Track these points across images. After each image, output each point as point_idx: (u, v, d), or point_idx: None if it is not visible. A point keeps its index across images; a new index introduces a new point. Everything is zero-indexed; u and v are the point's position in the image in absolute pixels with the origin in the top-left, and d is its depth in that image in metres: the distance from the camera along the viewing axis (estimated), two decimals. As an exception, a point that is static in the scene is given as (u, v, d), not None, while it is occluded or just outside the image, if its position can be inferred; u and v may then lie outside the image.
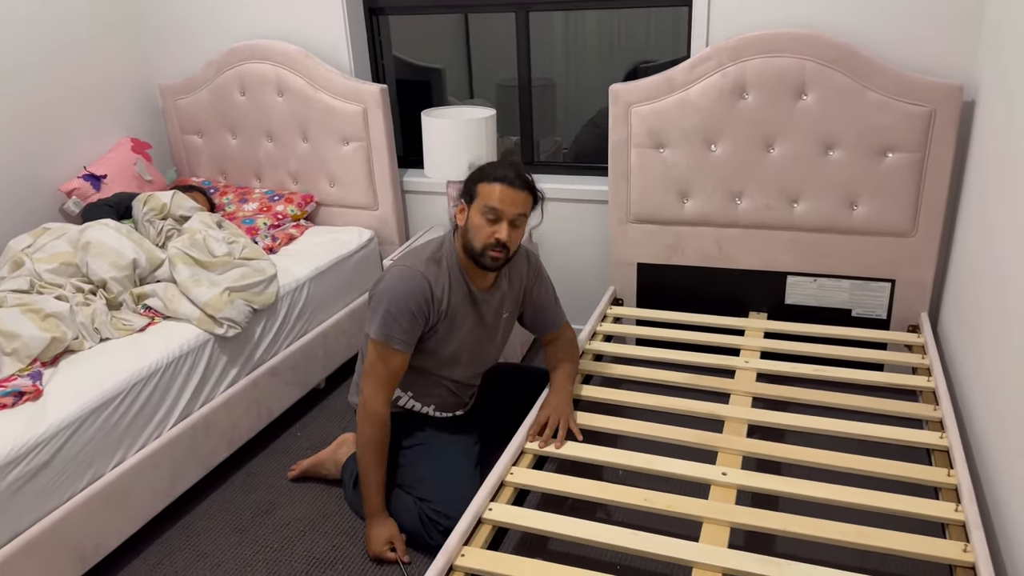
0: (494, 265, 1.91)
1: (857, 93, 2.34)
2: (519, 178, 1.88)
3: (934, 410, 2.02)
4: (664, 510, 1.68)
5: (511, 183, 1.86)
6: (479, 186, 1.89)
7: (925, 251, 2.46)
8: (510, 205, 1.86)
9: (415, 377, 2.05)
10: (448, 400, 2.11)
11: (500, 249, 1.88)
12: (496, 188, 1.86)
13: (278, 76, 2.94)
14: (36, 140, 2.78)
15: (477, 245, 1.89)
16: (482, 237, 1.88)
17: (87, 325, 2.09)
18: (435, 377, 2.06)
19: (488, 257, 1.89)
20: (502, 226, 1.87)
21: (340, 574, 1.93)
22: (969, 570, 1.49)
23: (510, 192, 1.86)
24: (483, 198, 1.87)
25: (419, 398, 2.09)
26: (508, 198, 1.86)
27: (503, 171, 1.87)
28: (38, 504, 1.75)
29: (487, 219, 1.87)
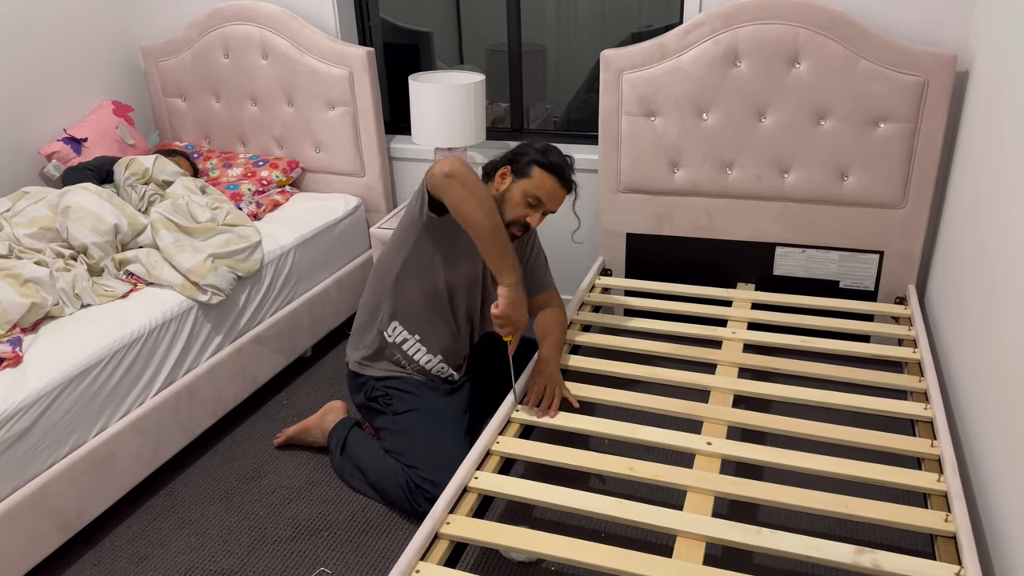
0: (511, 239, 1.98)
1: (850, 61, 2.31)
2: (569, 180, 2.00)
3: (919, 381, 2.03)
4: (649, 479, 1.68)
5: (564, 184, 1.99)
6: (535, 168, 1.97)
7: (914, 223, 2.46)
8: (554, 202, 1.99)
9: (424, 315, 2.08)
10: (450, 349, 2.13)
11: (523, 229, 2.00)
12: (551, 181, 1.96)
13: (263, 38, 2.88)
14: (15, 102, 2.71)
15: (507, 217, 1.98)
16: (515, 214, 1.97)
17: (68, 291, 2.06)
18: (440, 315, 2.09)
19: (509, 232, 1.98)
20: (538, 215, 1.99)
21: (326, 541, 1.93)
22: (950, 540, 1.51)
23: (560, 191, 1.99)
24: (535, 183, 1.96)
25: (425, 342, 2.10)
26: (555, 195, 1.98)
27: (563, 166, 1.98)
28: (19, 471, 1.73)
29: (528, 202, 1.97)
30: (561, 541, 1.51)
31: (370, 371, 2.12)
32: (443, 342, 2.12)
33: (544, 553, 1.49)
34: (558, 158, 1.99)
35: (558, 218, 2.95)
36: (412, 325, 2.10)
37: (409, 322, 2.10)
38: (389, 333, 2.11)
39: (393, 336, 2.11)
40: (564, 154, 2.02)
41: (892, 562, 1.43)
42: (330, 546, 1.92)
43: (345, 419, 2.21)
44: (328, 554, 1.90)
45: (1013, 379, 1.58)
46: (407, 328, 2.10)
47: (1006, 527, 1.52)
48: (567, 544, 1.50)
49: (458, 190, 1.77)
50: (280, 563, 1.87)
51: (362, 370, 2.14)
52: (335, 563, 1.87)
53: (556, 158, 1.98)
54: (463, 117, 2.59)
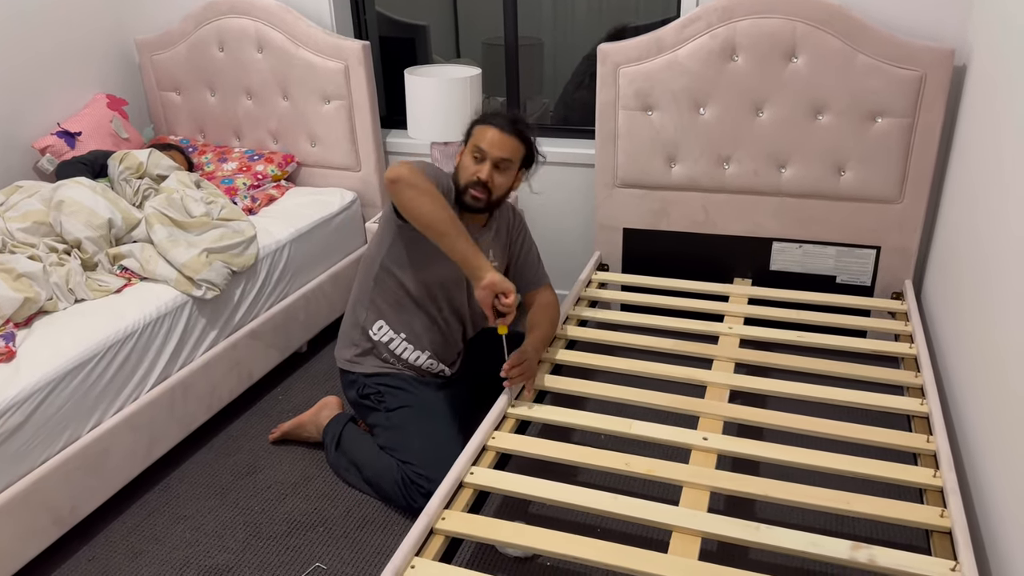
0: (474, 204, 1.99)
1: (848, 56, 2.31)
2: (511, 124, 1.97)
3: (915, 377, 2.03)
4: (645, 474, 1.68)
5: (501, 127, 1.96)
6: (475, 127, 2.01)
7: (911, 218, 2.45)
8: (496, 148, 1.95)
9: (408, 315, 2.08)
10: (438, 344, 2.13)
11: (480, 188, 1.97)
12: (488, 130, 1.96)
13: (258, 31, 2.86)
14: (8, 95, 2.69)
15: (462, 182, 1.99)
16: (467, 175, 1.98)
17: (61, 286, 2.04)
18: (425, 313, 2.08)
19: (469, 195, 1.98)
20: (485, 166, 1.96)
21: (321, 536, 1.93)
22: (945, 535, 1.51)
23: (499, 135, 1.95)
24: (474, 138, 1.98)
25: (411, 340, 2.10)
26: (496, 140, 1.95)
27: (499, 117, 1.99)
28: (13, 466, 1.72)
29: (474, 158, 1.97)
30: (557, 536, 1.50)
31: (360, 368, 2.12)
32: (431, 338, 2.12)
33: (540, 548, 1.49)
34: (494, 113, 2.00)
35: (552, 211, 2.94)
36: (396, 324, 2.09)
37: (393, 321, 2.09)
38: (375, 332, 2.10)
39: (379, 335, 2.10)
40: (520, 112, 2.02)
41: (888, 558, 1.42)
42: (325, 541, 1.91)
43: (340, 414, 2.21)
44: (323, 549, 1.89)
45: (1009, 375, 1.58)
46: (392, 327, 2.09)
47: (1002, 523, 1.52)
48: (563, 539, 1.49)
49: (406, 192, 1.78)
50: (275, 558, 1.87)
51: (352, 368, 2.13)
52: (330, 558, 1.86)
53: (491, 114, 2.00)
54: (459, 111, 2.58)
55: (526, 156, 2.03)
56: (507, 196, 2.06)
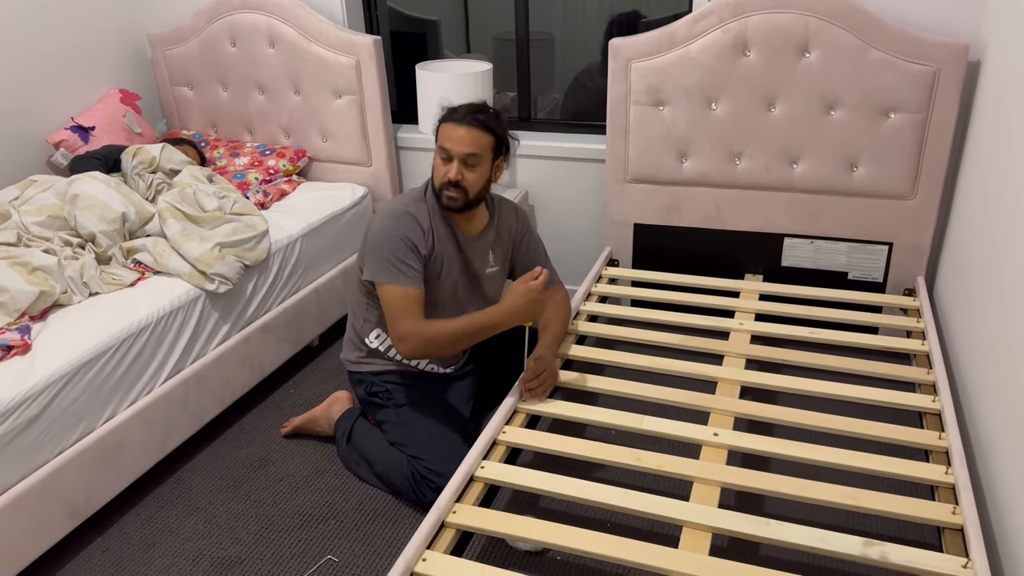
0: (451, 205, 1.93)
1: (860, 51, 2.29)
2: (471, 116, 1.88)
3: (927, 374, 2.02)
4: (655, 470, 1.68)
5: (460, 121, 1.88)
6: (440, 127, 1.93)
7: (924, 214, 2.44)
8: (459, 144, 1.87)
9: None
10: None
11: (454, 189, 1.90)
12: (449, 128, 1.89)
13: (269, 26, 2.87)
14: (23, 90, 2.71)
15: (436, 185, 1.94)
16: (438, 176, 1.92)
17: (76, 279, 2.06)
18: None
19: (445, 196, 1.92)
20: (452, 165, 1.89)
21: (333, 529, 1.94)
22: (957, 532, 1.50)
23: (460, 131, 1.87)
24: (440, 138, 1.92)
25: None
26: (458, 137, 1.87)
27: (459, 112, 1.90)
28: (28, 458, 1.74)
29: (442, 158, 1.91)
30: (567, 531, 1.51)
31: (367, 367, 2.12)
32: None
33: (550, 543, 1.49)
34: (454, 108, 1.92)
35: (562, 207, 2.94)
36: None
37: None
38: (371, 340, 2.09)
39: (376, 343, 2.09)
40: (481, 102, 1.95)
41: (899, 554, 1.42)
42: (337, 534, 1.93)
43: (351, 409, 2.22)
44: (335, 542, 1.90)
45: (1021, 371, 1.57)
46: (389, 336, 2.07)
47: (1014, 520, 1.52)
48: (574, 534, 1.50)
49: (433, 348, 1.84)
50: (287, 551, 1.88)
51: (358, 368, 2.13)
52: (342, 551, 1.88)
53: (451, 110, 1.92)
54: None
55: (497, 145, 1.93)
56: (487, 189, 1.99)
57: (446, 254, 2.00)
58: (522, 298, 1.82)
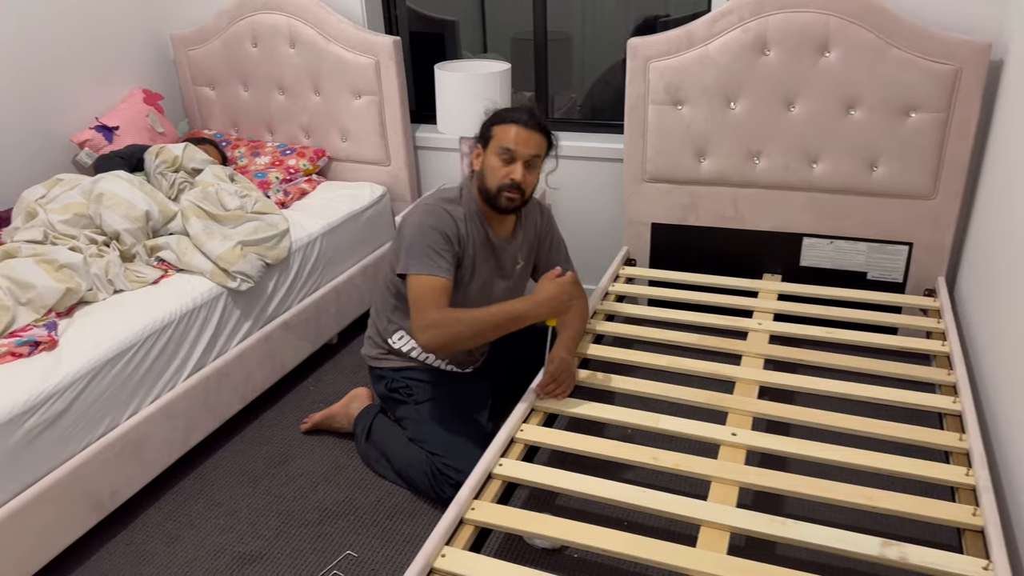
0: (509, 206, 1.94)
1: (881, 50, 2.28)
2: (533, 119, 1.92)
3: (948, 375, 2.01)
4: (673, 469, 1.69)
5: (526, 124, 1.90)
6: (495, 128, 1.93)
7: (945, 214, 2.42)
8: (524, 146, 1.90)
9: None
10: (461, 354, 2.12)
11: (515, 190, 1.92)
12: (512, 129, 1.90)
13: (290, 27, 2.90)
14: (48, 91, 2.75)
15: (492, 186, 1.92)
16: (498, 178, 1.91)
17: (101, 277, 2.09)
18: None
19: (503, 198, 1.93)
20: (516, 166, 1.90)
21: (352, 525, 1.96)
22: (978, 534, 1.50)
23: (524, 133, 1.90)
24: (498, 139, 1.91)
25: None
26: (523, 139, 1.90)
27: (518, 113, 1.92)
28: (55, 452, 1.77)
29: (502, 160, 1.91)
30: (584, 528, 1.52)
31: (387, 364, 2.14)
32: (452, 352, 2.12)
33: (568, 540, 1.50)
34: (511, 108, 1.96)
35: (580, 206, 2.95)
36: None
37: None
38: (394, 341, 2.11)
39: (399, 344, 2.11)
40: (524, 104, 1.96)
41: (919, 555, 1.42)
42: (356, 530, 1.95)
43: (370, 406, 2.24)
44: (354, 537, 1.92)
45: (1045, 373, 1.56)
46: (413, 337, 2.08)
47: (1035, 522, 1.51)
48: (592, 532, 1.51)
49: (457, 340, 1.79)
50: (307, 546, 1.90)
51: (379, 364, 2.15)
52: (361, 546, 1.89)
53: (508, 109, 1.96)
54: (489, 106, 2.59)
55: (548, 147, 1.99)
56: (535, 191, 2.05)
57: (478, 256, 2.00)
58: (554, 290, 1.81)
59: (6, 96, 2.61)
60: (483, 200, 1.97)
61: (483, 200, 1.97)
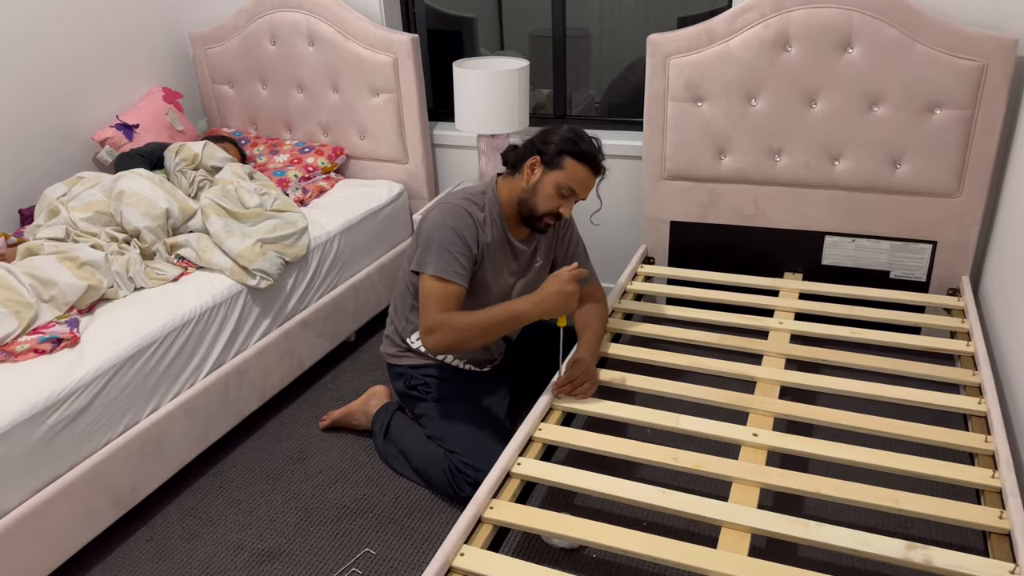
0: (545, 230, 2.01)
1: (905, 46, 2.25)
2: (600, 166, 1.94)
3: (973, 375, 1.98)
4: (693, 469, 1.67)
5: (596, 170, 1.93)
6: (567, 159, 1.90)
7: (969, 212, 2.39)
8: (587, 190, 1.94)
9: None
10: (479, 354, 2.12)
11: (556, 219, 1.96)
12: (584, 171, 1.92)
13: (309, 25, 2.90)
14: (69, 89, 2.78)
15: (539, 210, 1.94)
16: (548, 206, 1.93)
17: (122, 274, 2.11)
18: None
19: (543, 224, 1.97)
20: (570, 204, 1.94)
21: (370, 522, 1.96)
22: (1004, 537, 1.47)
23: (592, 180, 1.94)
24: (568, 174, 1.90)
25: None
26: (590, 184, 1.94)
27: (594, 155, 1.91)
28: (76, 448, 1.79)
29: (560, 193, 1.92)
30: (603, 528, 1.51)
31: (406, 361, 2.14)
32: (471, 351, 2.11)
33: (587, 540, 1.49)
34: (589, 146, 1.91)
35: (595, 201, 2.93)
36: None
37: None
38: (412, 341, 2.11)
39: (417, 344, 2.11)
40: (591, 137, 1.94)
41: (944, 558, 1.40)
42: (374, 527, 1.95)
43: (388, 403, 2.24)
44: (373, 535, 1.92)
45: (1074, 374, 1.53)
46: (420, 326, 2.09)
47: (1064, 526, 1.48)
48: (611, 532, 1.50)
49: (463, 341, 1.80)
50: (326, 543, 1.90)
51: (398, 362, 2.15)
52: (379, 544, 1.90)
53: (587, 146, 1.90)
54: (507, 103, 2.59)
55: None
56: None
57: (497, 257, 2.00)
58: (555, 287, 1.79)
59: (28, 94, 2.63)
60: (519, 211, 1.97)
61: (519, 211, 1.97)
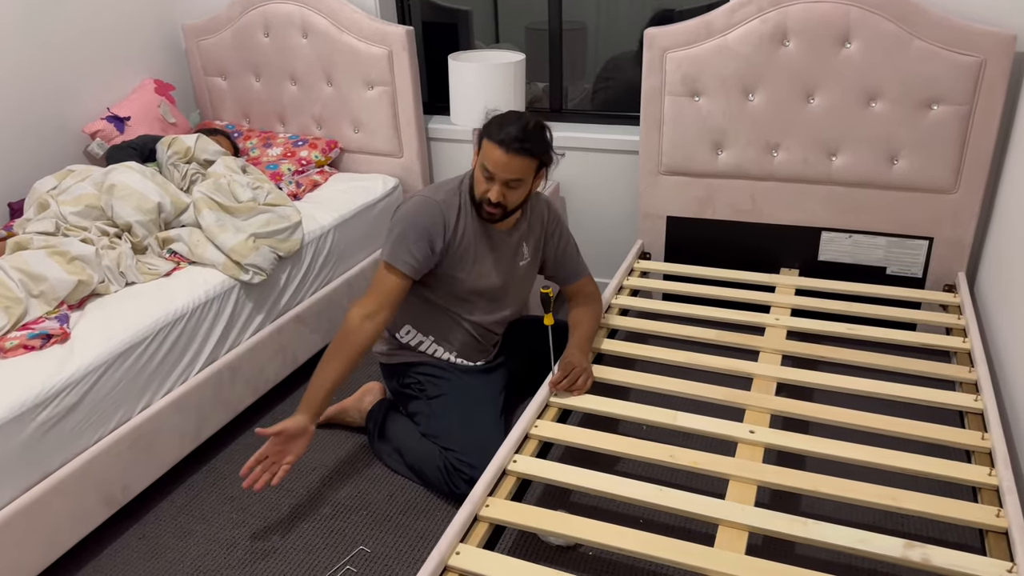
0: (489, 219, 1.95)
1: (903, 41, 2.24)
2: (518, 142, 1.81)
3: (969, 372, 1.98)
4: (690, 467, 1.67)
5: (507, 148, 1.81)
6: (484, 141, 1.87)
7: (966, 208, 2.38)
8: (503, 170, 1.84)
9: (436, 318, 2.07)
10: (470, 346, 2.11)
11: (494, 207, 1.90)
12: (494, 151, 1.83)
13: (302, 17, 2.87)
14: (60, 81, 2.74)
15: (476, 196, 1.94)
16: (479, 191, 1.92)
17: (113, 269, 2.08)
18: (455, 318, 2.06)
19: (484, 211, 1.93)
20: (494, 187, 1.88)
21: (365, 520, 1.95)
22: (1001, 536, 1.47)
23: (504, 157, 1.82)
24: (483, 155, 1.88)
25: (440, 342, 2.09)
26: (502, 163, 1.83)
27: (507, 131, 1.81)
28: (67, 445, 1.77)
29: (484, 176, 1.88)
30: (599, 526, 1.50)
31: (398, 359, 2.12)
32: (461, 340, 2.10)
33: (583, 538, 1.48)
34: (504, 122, 1.83)
35: (594, 199, 2.92)
36: (425, 328, 2.09)
37: (421, 326, 2.09)
38: (402, 336, 2.11)
39: (407, 339, 2.10)
40: (526, 120, 1.84)
41: (942, 557, 1.39)
42: (369, 525, 1.93)
43: (382, 400, 2.23)
44: (367, 532, 1.91)
45: (1073, 372, 1.53)
46: (420, 331, 2.09)
47: (1061, 524, 1.48)
48: (605, 529, 1.49)
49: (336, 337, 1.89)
50: (320, 540, 1.89)
51: (390, 360, 2.14)
52: (374, 541, 1.88)
53: (497, 126, 1.83)
54: (503, 97, 2.57)
55: (539, 165, 1.89)
56: (527, 199, 1.98)
57: (477, 247, 1.99)
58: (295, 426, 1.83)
59: (17, 86, 2.59)
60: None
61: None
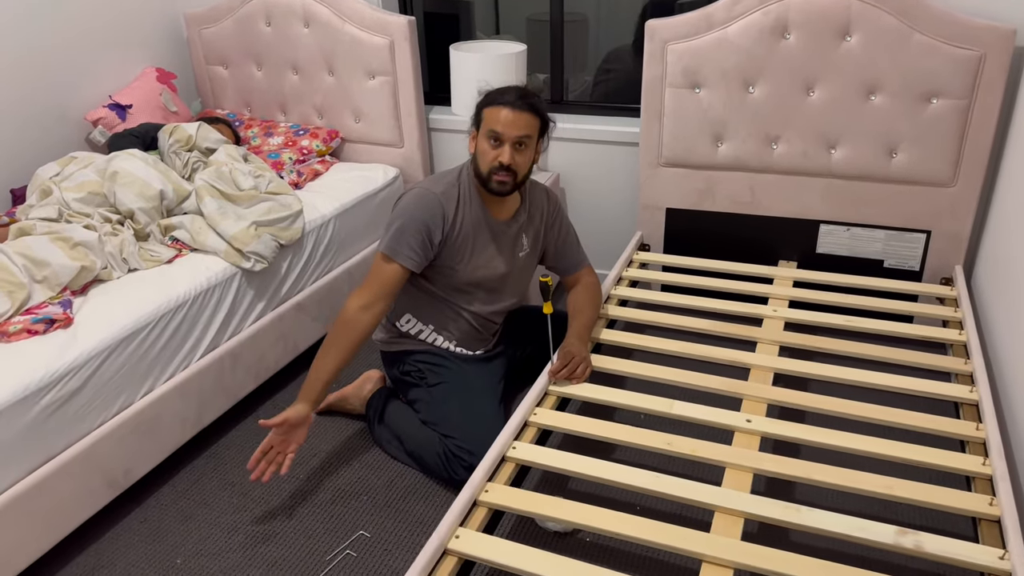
0: (501, 189, 1.94)
1: (904, 35, 2.25)
2: (521, 100, 1.88)
3: (964, 364, 1.99)
4: (687, 454, 1.68)
5: (512, 105, 1.87)
6: (485, 111, 1.92)
7: (964, 202, 2.40)
8: (512, 127, 1.88)
9: (435, 307, 2.08)
10: (470, 335, 2.12)
11: (505, 172, 1.91)
12: (500, 111, 1.88)
13: (304, 6, 2.88)
14: (62, 68, 2.75)
15: (483, 170, 1.93)
16: (487, 161, 1.92)
17: (115, 255, 2.10)
18: (455, 308, 2.08)
19: (494, 181, 1.93)
20: (504, 149, 1.89)
21: (365, 505, 1.97)
22: (994, 524, 1.49)
23: (511, 114, 1.87)
24: (487, 122, 1.90)
25: (440, 331, 2.11)
26: (509, 120, 1.87)
27: (507, 94, 1.89)
28: (70, 429, 1.78)
29: (491, 143, 1.90)
30: (597, 512, 1.52)
31: (399, 347, 2.14)
32: (460, 329, 2.12)
33: (581, 524, 1.50)
34: (499, 90, 1.92)
35: (593, 190, 2.93)
36: (424, 317, 2.10)
37: (421, 315, 2.11)
38: (402, 324, 2.12)
39: (407, 328, 2.12)
40: (514, 85, 1.94)
41: (935, 544, 1.41)
42: (369, 510, 1.95)
43: (382, 388, 2.24)
44: (367, 518, 1.93)
45: (1066, 363, 1.55)
46: (420, 320, 2.11)
47: (1053, 513, 1.50)
48: (606, 516, 1.51)
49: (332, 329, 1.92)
50: (320, 525, 1.91)
51: (391, 348, 2.16)
52: (374, 527, 1.90)
53: (496, 91, 1.92)
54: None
55: (542, 127, 1.95)
56: (531, 172, 2.01)
57: (476, 238, 2.00)
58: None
59: (20, 73, 2.60)
60: (480, 183, 1.98)
61: (480, 183, 1.98)
